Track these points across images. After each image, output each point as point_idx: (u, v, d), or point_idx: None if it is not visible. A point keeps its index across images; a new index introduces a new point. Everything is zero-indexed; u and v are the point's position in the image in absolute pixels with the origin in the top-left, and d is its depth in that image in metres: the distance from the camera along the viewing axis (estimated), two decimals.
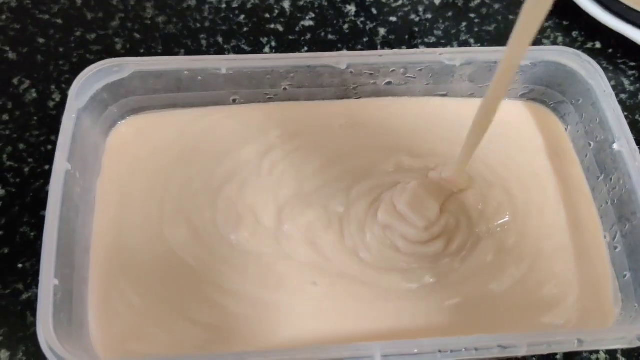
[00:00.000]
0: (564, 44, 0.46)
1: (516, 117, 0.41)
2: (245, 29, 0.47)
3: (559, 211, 0.37)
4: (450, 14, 0.48)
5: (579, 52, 0.38)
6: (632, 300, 0.33)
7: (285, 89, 0.39)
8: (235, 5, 0.48)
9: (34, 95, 0.43)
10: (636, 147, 0.35)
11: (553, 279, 0.35)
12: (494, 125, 0.39)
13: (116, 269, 0.34)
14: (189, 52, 0.45)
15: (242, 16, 0.47)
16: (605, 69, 0.41)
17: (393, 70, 0.38)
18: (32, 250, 0.37)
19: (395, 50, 0.38)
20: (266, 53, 0.45)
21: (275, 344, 0.32)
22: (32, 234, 0.37)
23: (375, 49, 0.46)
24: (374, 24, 0.47)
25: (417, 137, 0.39)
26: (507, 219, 0.36)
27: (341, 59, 0.37)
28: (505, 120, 0.40)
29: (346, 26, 0.47)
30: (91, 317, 0.33)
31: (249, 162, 0.38)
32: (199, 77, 0.37)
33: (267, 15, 0.47)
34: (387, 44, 0.46)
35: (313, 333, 0.33)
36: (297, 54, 0.39)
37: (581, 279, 0.35)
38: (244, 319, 0.33)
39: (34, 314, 0.34)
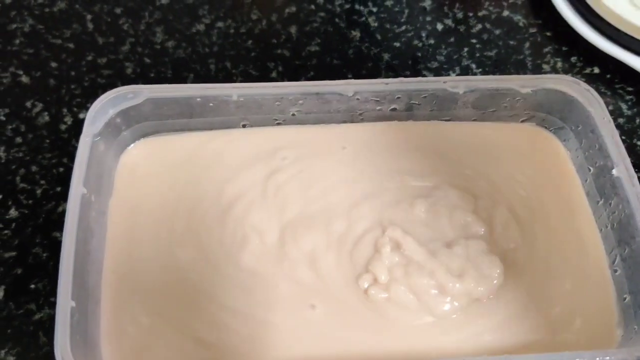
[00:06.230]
0: (563, 69, 0.48)
1: (519, 140, 0.41)
2: (253, 54, 0.48)
3: (563, 233, 0.38)
4: (452, 39, 0.49)
5: (579, 80, 0.39)
6: (632, 322, 0.34)
7: (293, 114, 0.40)
8: (243, 30, 0.49)
9: (47, 118, 0.43)
10: (634, 174, 0.35)
11: (559, 302, 0.35)
12: (498, 148, 0.41)
13: (127, 289, 0.35)
14: (198, 76, 0.46)
15: (250, 41, 0.48)
16: (603, 94, 0.43)
17: (398, 97, 0.39)
18: (45, 271, 0.37)
19: (401, 79, 0.39)
20: (273, 77, 0.46)
21: None
22: (45, 254, 0.38)
23: (380, 73, 0.47)
24: (378, 49, 0.48)
25: (421, 158, 0.40)
26: (516, 241, 0.37)
27: (348, 87, 0.39)
28: (508, 143, 0.41)
29: (351, 51, 0.48)
30: (102, 336, 0.33)
31: (256, 184, 0.39)
32: (211, 104, 0.38)
33: (274, 41, 0.49)
34: (391, 68, 0.47)
35: (312, 356, 0.33)
36: (305, 82, 0.40)
37: (586, 301, 0.35)
38: (248, 339, 0.34)
39: (46, 334, 0.35)
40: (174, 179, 0.39)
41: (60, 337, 0.29)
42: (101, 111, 0.37)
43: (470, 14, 0.51)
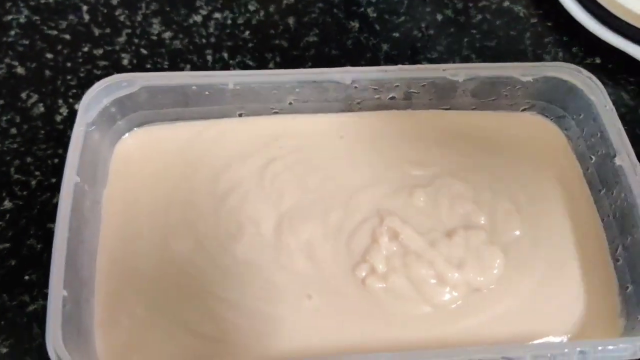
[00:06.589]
0: (564, 60, 0.47)
1: (520, 128, 0.41)
2: (250, 45, 0.47)
3: (565, 223, 0.37)
4: (452, 29, 0.49)
5: (580, 68, 0.38)
6: (635, 312, 0.33)
7: (290, 103, 0.40)
8: (240, 21, 0.49)
9: (42, 109, 0.43)
10: (637, 162, 0.35)
11: (561, 292, 0.35)
12: (498, 137, 0.41)
13: (121, 279, 0.35)
14: (194, 68, 0.46)
15: (247, 32, 0.48)
16: (605, 84, 0.42)
17: (397, 86, 0.39)
18: (39, 262, 0.37)
19: (400, 66, 0.39)
20: (271, 68, 0.46)
21: (273, 357, 0.33)
22: (39, 246, 0.37)
23: (379, 64, 0.47)
24: (377, 40, 0.48)
25: (420, 148, 0.40)
26: (517, 231, 0.37)
27: (346, 75, 0.38)
28: (509, 132, 0.41)
29: (350, 42, 0.48)
30: (96, 327, 0.33)
31: (252, 173, 0.38)
32: (206, 92, 0.38)
33: (272, 31, 0.48)
34: (390, 59, 0.47)
35: (309, 347, 0.33)
36: (302, 70, 0.39)
37: (588, 291, 0.35)
38: (244, 330, 0.33)
39: (40, 326, 0.35)
40: (169, 169, 0.38)
41: (52, 326, 0.29)
42: (95, 100, 0.36)
43: (470, 5, 0.50)
